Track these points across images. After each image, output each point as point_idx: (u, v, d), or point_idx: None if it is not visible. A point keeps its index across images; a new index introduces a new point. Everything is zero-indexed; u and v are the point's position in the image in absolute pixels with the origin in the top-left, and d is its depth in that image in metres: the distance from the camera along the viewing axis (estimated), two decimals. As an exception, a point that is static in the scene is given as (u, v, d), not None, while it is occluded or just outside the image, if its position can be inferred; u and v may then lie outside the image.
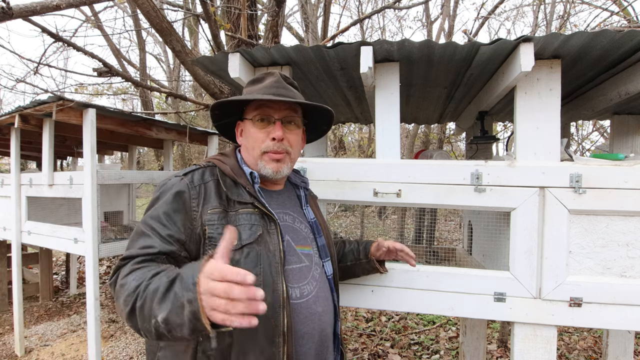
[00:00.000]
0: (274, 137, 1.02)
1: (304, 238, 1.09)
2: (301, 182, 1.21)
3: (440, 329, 4.04)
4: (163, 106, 7.97)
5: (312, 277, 1.05)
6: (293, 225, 1.09)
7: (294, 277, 1.00)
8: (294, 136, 1.08)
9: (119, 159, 11.23)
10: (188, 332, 0.71)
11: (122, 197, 4.26)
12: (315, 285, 1.05)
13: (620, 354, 2.27)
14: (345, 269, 1.37)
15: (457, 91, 2.08)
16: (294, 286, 0.99)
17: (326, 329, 1.04)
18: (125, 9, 6.73)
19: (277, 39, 3.12)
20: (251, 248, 0.94)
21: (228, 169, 1.04)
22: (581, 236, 1.44)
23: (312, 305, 1.00)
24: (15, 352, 3.53)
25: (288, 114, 1.05)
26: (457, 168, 1.51)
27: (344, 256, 1.37)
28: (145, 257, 0.87)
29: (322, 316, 1.02)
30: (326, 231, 1.18)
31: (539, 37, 1.32)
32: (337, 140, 9.58)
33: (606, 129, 5.70)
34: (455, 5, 6.49)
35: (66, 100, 2.58)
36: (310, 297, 1.01)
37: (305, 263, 1.05)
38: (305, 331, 0.97)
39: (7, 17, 1.83)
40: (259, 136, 1.04)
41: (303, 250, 1.07)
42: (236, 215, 0.97)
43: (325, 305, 1.05)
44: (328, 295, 1.09)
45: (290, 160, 1.08)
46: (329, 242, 1.16)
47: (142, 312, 0.77)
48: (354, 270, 1.39)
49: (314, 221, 1.16)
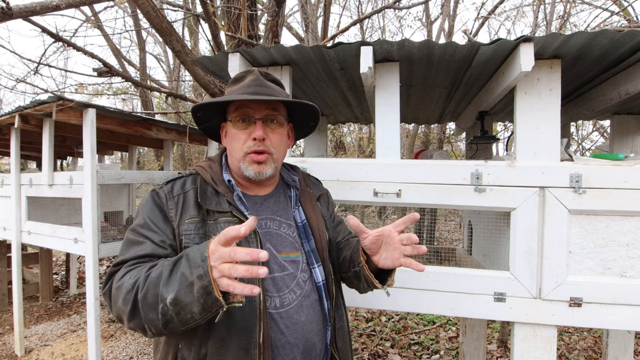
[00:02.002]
0: (254, 137, 0.99)
1: (290, 244, 1.04)
2: (292, 182, 1.15)
3: (440, 329, 4.04)
4: (163, 106, 7.97)
5: (296, 284, 1.00)
6: (278, 231, 1.05)
7: (275, 286, 0.97)
8: (276, 135, 1.04)
9: (119, 159, 11.23)
10: (199, 310, 0.72)
11: (122, 197, 4.26)
12: (300, 293, 1.00)
13: (620, 354, 2.27)
14: (357, 277, 1.06)
15: (457, 91, 2.08)
16: (273, 295, 0.96)
17: (312, 339, 0.99)
18: (125, 9, 6.73)
19: (277, 39, 3.12)
20: None
21: (209, 177, 1.03)
22: (581, 236, 1.44)
23: (294, 314, 0.97)
24: (15, 352, 3.53)
25: (268, 113, 1.02)
26: (457, 168, 1.51)
27: (352, 260, 1.07)
28: (139, 260, 0.88)
29: (305, 325, 0.98)
30: (319, 234, 1.08)
31: (539, 37, 1.32)
32: (337, 140, 9.58)
33: (606, 129, 5.70)
34: (455, 5, 6.49)
35: (66, 100, 2.58)
36: (291, 306, 0.97)
37: (288, 271, 1.01)
38: (286, 341, 0.94)
39: (7, 17, 1.83)
40: (241, 137, 1.02)
41: (288, 257, 1.02)
42: (215, 224, 0.96)
43: (310, 315, 1.00)
44: (315, 303, 1.03)
45: (273, 160, 1.03)
46: (320, 246, 1.07)
47: (145, 302, 0.77)
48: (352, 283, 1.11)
49: (303, 224, 1.09)
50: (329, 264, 1.08)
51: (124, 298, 0.80)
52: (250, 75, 1.05)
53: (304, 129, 1.22)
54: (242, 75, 1.06)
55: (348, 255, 1.09)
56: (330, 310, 1.05)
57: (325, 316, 1.04)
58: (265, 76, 1.06)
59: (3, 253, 4.67)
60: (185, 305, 0.73)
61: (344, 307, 1.17)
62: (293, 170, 1.20)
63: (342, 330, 1.10)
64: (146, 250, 0.90)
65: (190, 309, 0.73)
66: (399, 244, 0.91)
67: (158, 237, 0.92)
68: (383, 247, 0.95)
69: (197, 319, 0.75)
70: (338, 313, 1.09)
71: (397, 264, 0.92)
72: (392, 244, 0.92)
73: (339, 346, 1.07)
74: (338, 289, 1.13)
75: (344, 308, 1.15)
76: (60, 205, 3.85)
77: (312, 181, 1.25)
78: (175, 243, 0.94)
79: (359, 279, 1.05)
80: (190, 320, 0.75)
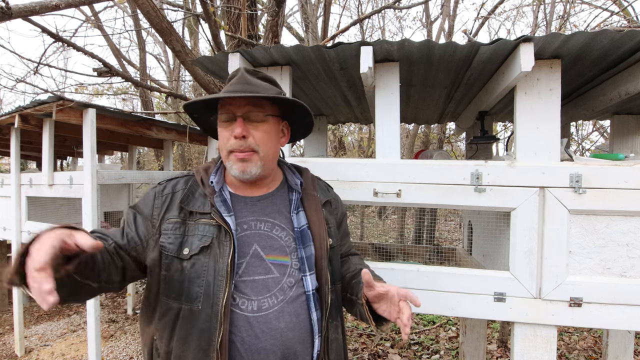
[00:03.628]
0: (235, 135, 0.98)
1: (280, 247, 1.01)
2: (294, 185, 1.11)
3: (440, 329, 4.04)
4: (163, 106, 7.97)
5: (279, 290, 0.97)
6: (270, 233, 1.02)
7: (254, 290, 0.95)
8: (260, 133, 1.00)
9: (119, 159, 11.23)
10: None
11: (122, 197, 4.27)
12: (282, 299, 0.97)
13: (620, 354, 2.27)
14: (352, 304, 1.10)
15: (457, 91, 2.08)
16: (251, 298, 0.94)
17: (293, 347, 0.95)
18: (125, 9, 6.72)
19: (277, 39, 3.12)
20: (197, 259, 0.95)
21: (199, 179, 1.05)
22: (581, 236, 1.44)
23: (273, 320, 0.94)
24: (15, 352, 3.53)
25: (249, 109, 0.99)
26: (457, 168, 1.51)
27: (352, 287, 1.10)
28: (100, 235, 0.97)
29: (285, 332, 0.94)
30: (320, 241, 1.04)
31: (539, 37, 1.32)
32: (337, 140, 9.57)
33: (606, 129, 5.70)
34: (455, 5, 6.49)
35: (66, 100, 2.58)
36: (271, 311, 0.95)
37: (273, 275, 0.98)
38: (262, 346, 0.92)
39: (6, 17, 1.83)
40: (224, 135, 1.01)
41: (276, 260, 1.00)
42: (195, 224, 0.98)
43: (292, 322, 0.96)
44: (300, 311, 0.98)
45: (260, 159, 1.00)
46: (319, 254, 1.03)
47: None
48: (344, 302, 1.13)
49: (302, 229, 1.05)
50: (327, 273, 1.03)
51: None
52: (237, 73, 1.04)
53: (302, 127, 1.19)
54: (232, 75, 1.06)
55: (349, 280, 1.12)
56: (320, 321, 1.01)
57: (313, 326, 1.00)
58: (253, 74, 1.04)
59: (3, 253, 4.67)
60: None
61: (341, 319, 1.13)
62: (299, 172, 1.17)
63: (335, 342, 1.06)
64: (113, 232, 1.00)
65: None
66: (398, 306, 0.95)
67: (127, 229, 1.00)
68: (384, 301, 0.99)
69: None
70: (332, 324, 1.05)
71: (392, 319, 0.96)
72: (394, 303, 0.96)
73: (331, 359, 1.03)
74: (337, 299, 1.09)
75: (340, 319, 1.12)
76: (60, 205, 3.86)
77: (321, 186, 1.21)
78: (144, 239, 0.99)
79: (352, 306, 1.10)
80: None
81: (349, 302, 1.11)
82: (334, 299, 1.06)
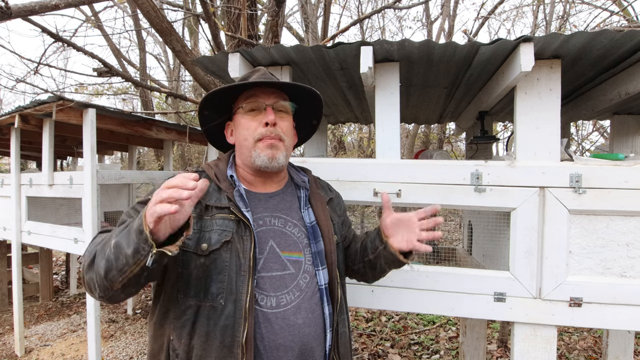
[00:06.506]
0: (266, 122, 1.00)
1: (294, 243, 1.03)
2: (301, 182, 1.14)
3: (440, 329, 4.04)
4: (163, 106, 7.97)
5: (295, 286, 0.99)
6: (283, 229, 1.03)
7: (272, 285, 0.96)
8: (286, 123, 1.06)
9: (119, 159, 11.23)
10: (131, 253, 0.75)
11: (122, 197, 4.26)
12: (299, 295, 0.98)
13: (620, 354, 2.27)
14: (371, 265, 1.14)
15: (457, 91, 2.08)
16: (270, 295, 0.95)
17: (310, 343, 0.96)
18: (125, 9, 6.72)
19: (277, 39, 3.12)
20: (218, 254, 0.93)
21: (213, 173, 1.04)
22: (581, 236, 1.44)
23: (291, 316, 0.95)
24: (15, 352, 3.53)
25: (277, 100, 1.05)
26: (457, 168, 1.51)
27: (365, 250, 1.15)
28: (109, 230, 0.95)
29: (302, 329, 0.95)
30: (328, 237, 1.07)
31: (539, 37, 1.32)
32: (337, 140, 9.58)
33: (606, 129, 5.70)
34: (455, 5, 6.50)
35: (66, 100, 2.58)
36: (289, 307, 0.96)
37: (289, 270, 0.99)
38: (281, 342, 0.92)
39: (5, 17, 1.83)
40: (251, 125, 1.02)
41: (290, 256, 1.01)
42: (211, 220, 0.96)
43: (308, 318, 0.98)
44: (315, 307, 1.00)
45: (285, 148, 1.04)
46: (328, 249, 1.06)
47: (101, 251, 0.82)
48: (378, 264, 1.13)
49: (312, 225, 1.07)
50: (335, 268, 1.06)
51: (89, 250, 0.86)
52: (258, 71, 1.09)
53: (304, 130, 1.24)
54: (250, 74, 1.10)
55: (360, 247, 1.17)
56: (332, 315, 1.03)
57: (325, 321, 1.02)
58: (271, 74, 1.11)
59: (3, 253, 4.67)
60: (122, 248, 0.76)
61: (347, 313, 1.15)
62: (303, 171, 1.20)
63: (344, 336, 1.07)
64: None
65: (125, 252, 0.75)
66: (418, 228, 1.01)
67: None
68: (401, 230, 1.04)
69: (130, 264, 0.76)
70: (341, 318, 1.07)
71: (410, 246, 1.01)
72: (411, 227, 1.02)
73: (341, 352, 1.04)
74: (343, 294, 1.12)
75: (346, 313, 1.14)
76: (60, 205, 3.85)
77: (322, 185, 1.24)
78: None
79: (373, 267, 1.13)
80: (125, 267, 0.76)
81: (369, 265, 1.14)
82: (342, 293, 1.10)
